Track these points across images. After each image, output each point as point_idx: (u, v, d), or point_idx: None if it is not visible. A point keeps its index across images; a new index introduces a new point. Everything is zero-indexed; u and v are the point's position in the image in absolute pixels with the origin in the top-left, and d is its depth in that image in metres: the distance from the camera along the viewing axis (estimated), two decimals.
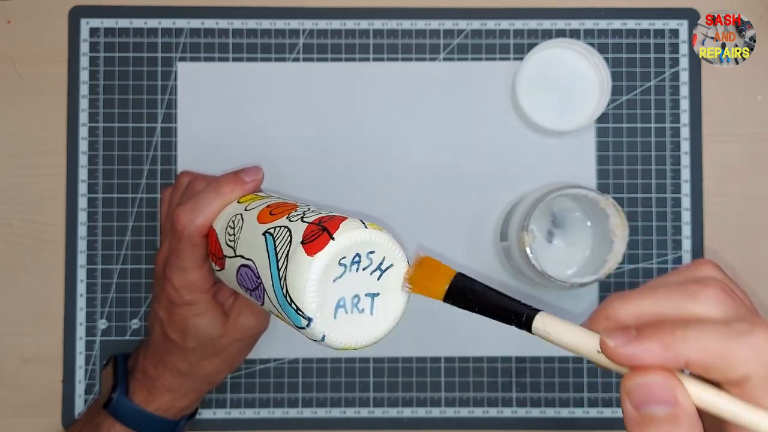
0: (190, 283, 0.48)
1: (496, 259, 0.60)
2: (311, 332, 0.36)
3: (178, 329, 0.49)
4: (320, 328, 0.36)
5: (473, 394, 0.59)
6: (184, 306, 0.48)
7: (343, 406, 0.59)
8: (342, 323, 0.37)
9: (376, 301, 0.38)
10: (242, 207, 0.45)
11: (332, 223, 0.37)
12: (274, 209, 0.42)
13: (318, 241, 0.36)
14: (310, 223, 0.38)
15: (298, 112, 0.60)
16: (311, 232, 0.37)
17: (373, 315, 0.37)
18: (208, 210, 0.46)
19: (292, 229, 0.38)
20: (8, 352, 0.59)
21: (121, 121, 0.60)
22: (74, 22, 0.60)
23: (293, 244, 0.37)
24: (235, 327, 0.50)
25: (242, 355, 0.53)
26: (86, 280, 0.59)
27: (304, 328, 0.36)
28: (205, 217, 0.46)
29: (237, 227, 0.43)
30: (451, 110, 0.60)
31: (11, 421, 0.59)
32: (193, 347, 0.50)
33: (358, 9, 0.60)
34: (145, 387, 0.51)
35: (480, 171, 0.60)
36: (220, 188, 0.47)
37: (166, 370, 0.51)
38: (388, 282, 0.38)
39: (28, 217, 0.59)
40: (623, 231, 0.52)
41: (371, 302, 0.37)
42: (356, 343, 0.37)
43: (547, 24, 0.60)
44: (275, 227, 0.40)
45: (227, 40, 0.60)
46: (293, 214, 0.40)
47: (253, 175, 0.48)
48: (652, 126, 0.60)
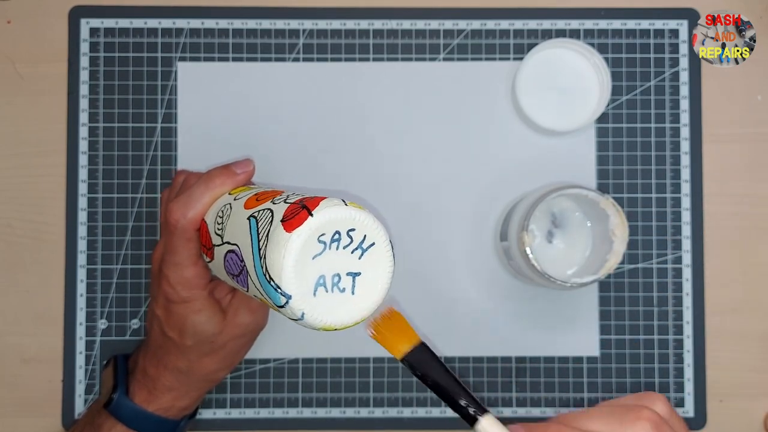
0: (185, 280, 0.48)
1: (496, 259, 0.60)
2: (290, 310, 0.36)
3: (176, 327, 0.49)
4: (299, 305, 0.36)
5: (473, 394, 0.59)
6: (181, 303, 0.48)
7: (343, 406, 0.59)
8: (322, 302, 0.36)
9: (357, 281, 0.37)
10: (232, 197, 0.45)
11: (313, 202, 0.37)
12: (260, 196, 0.42)
13: (297, 218, 0.36)
14: (292, 203, 0.38)
15: (298, 112, 0.60)
16: (291, 211, 0.37)
17: (354, 294, 0.37)
18: (199, 203, 0.46)
19: (274, 210, 0.38)
20: (8, 352, 0.59)
21: (121, 121, 0.60)
22: (74, 22, 0.60)
23: (273, 223, 0.37)
24: (233, 324, 0.50)
25: (242, 353, 0.53)
26: (86, 280, 0.59)
27: (283, 306, 0.36)
28: (196, 210, 0.46)
29: (225, 215, 0.43)
30: (451, 110, 0.60)
31: (11, 421, 0.59)
32: (191, 345, 0.50)
33: (358, 9, 0.60)
34: (146, 387, 0.51)
35: (480, 171, 0.60)
36: (210, 181, 0.47)
37: (166, 369, 0.51)
38: (370, 261, 0.37)
39: (28, 217, 0.59)
40: (623, 231, 0.52)
41: (352, 281, 0.37)
42: (336, 323, 0.37)
43: (547, 24, 0.60)
44: (259, 210, 0.40)
45: (227, 40, 0.60)
46: (278, 198, 0.40)
47: (244, 167, 0.48)
48: (652, 126, 0.60)
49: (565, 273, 0.56)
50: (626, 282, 0.60)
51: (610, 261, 0.53)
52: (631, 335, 0.59)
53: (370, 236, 0.37)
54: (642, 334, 0.59)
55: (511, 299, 0.60)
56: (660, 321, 0.59)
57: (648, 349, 0.59)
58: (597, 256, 0.55)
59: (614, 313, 0.59)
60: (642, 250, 0.60)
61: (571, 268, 0.57)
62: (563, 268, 0.56)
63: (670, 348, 0.59)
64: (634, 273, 0.60)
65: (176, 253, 0.47)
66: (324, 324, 0.36)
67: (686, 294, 0.59)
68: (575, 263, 0.57)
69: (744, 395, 0.59)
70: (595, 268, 0.53)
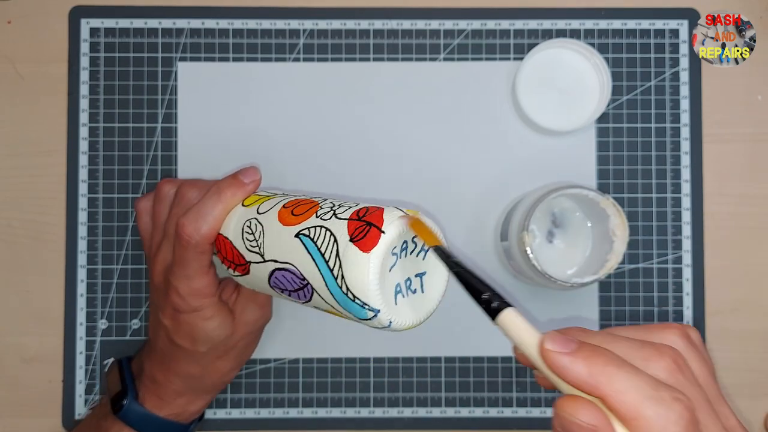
0: (196, 290, 0.47)
1: (496, 259, 0.60)
2: (378, 322, 0.38)
3: (186, 336, 0.49)
4: (387, 317, 0.38)
5: (473, 394, 0.59)
6: (191, 313, 0.48)
7: (343, 406, 0.59)
8: (402, 307, 0.39)
9: (424, 279, 0.41)
10: (253, 210, 0.45)
11: (374, 216, 0.39)
12: (295, 209, 0.43)
13: (369, 238, 0.38)
14: (349, 219, 0.40)
15: (298, 112, 0.60)
16: (357, 229, 0.39)
17: (424, 292, 0.41)
18: (212, 217, 0.46)
19: (331, 228, 0.40)
20: (8, 352, 0.59)
21: (121, 121, 0.60)
22: (74, 22, 0.60)
23: (341, 243, 0.39)
24: (243, 322, 0.50)
25: (250, 349, 0.53)
26: (86, 280, 0.59)
27: (370, 319, 0.38)
28: (210, 225, 0.46)
29: (257, 232, 0.44)
30: (451, 110, 0.60)
31: (11, 421, 0.59)
32: (205, 351, 0.49)
33: (358, 9, 0.60)
34: (155, 393, 0.51)
35: (480, 171, 0.60)
36: (221, 194, 0.46)
37: (177, 376, 0.50)
38: (431, 258, 0.41)
39: (28, 217, 0.59)
40: (623, 231, 0.52)
41: (421, 282, 0.41)
42: (416, 321, 0.40)
43: (547, 24, 0.60)
44: (308, 228, 0.41)
45: (227, 40, 0.60)
46: (321, 212, 0.41)
47: (251, 176, 0.48)
48: (652, 126, 0.60)
49: (565, 273, 0.56)
50: (626, 282, 0.60)
51: (611, 261, 0.53)
52: None
53: None
54: None
55: (511, 299, 0.59)
56: (660, 321, 0.59)
57: None
58: (597, 256, 0.55)
59: (614, 313, 0.59)
60: (642, 250, 0.60)
61: (571, 268, 0.57)
62: (563, 268, 0.56)
63: None
64: (635, 273, 0.60)
65: (187, 267, 0.47)
66: (406, 326, 0.39)
67: (686, 294, 0.59)
68: (575, 263, 0.57)
69: (744, 395, 0.59)
70: (595, 268, 0.53)
